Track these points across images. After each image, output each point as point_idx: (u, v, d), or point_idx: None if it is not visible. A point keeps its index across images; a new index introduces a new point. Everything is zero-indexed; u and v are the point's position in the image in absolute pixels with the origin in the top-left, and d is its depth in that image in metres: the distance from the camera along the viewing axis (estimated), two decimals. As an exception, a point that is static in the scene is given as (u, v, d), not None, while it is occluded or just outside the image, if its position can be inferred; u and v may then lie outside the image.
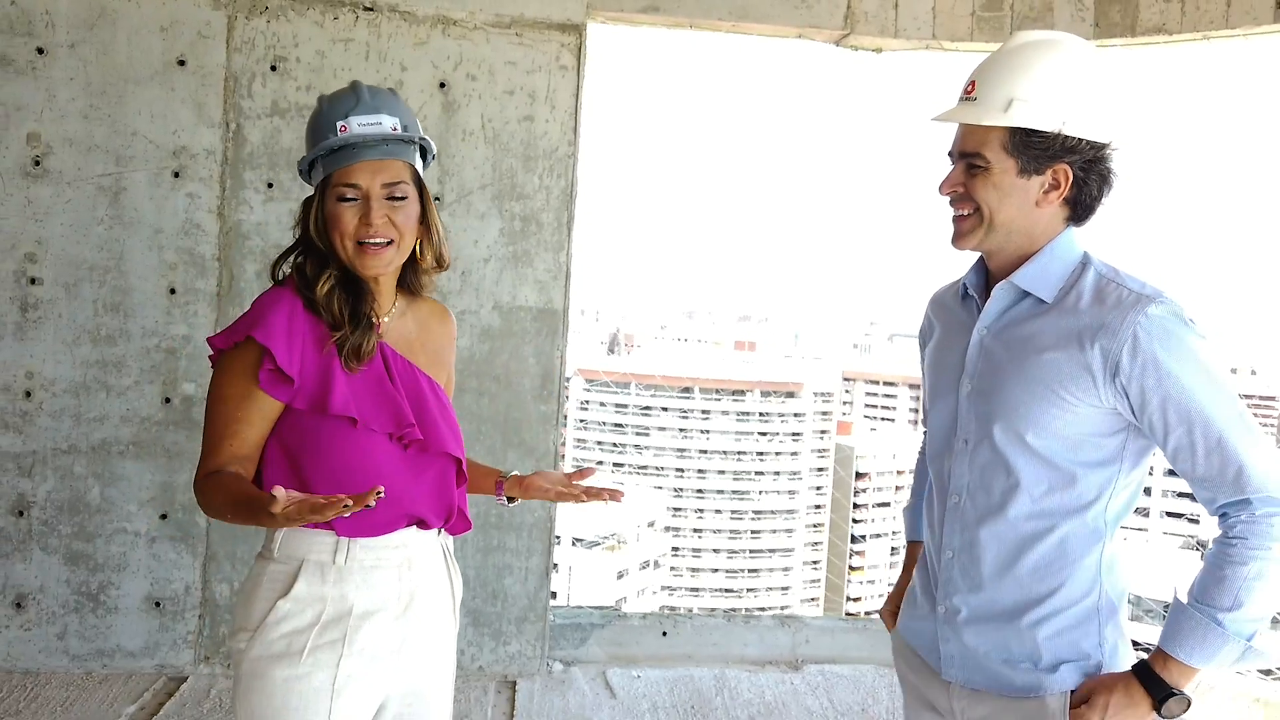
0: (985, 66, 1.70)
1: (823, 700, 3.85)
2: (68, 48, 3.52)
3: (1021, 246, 1.70)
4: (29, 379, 3.58)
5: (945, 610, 1.77)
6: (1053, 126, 1.62)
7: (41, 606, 3.64)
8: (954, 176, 1.71)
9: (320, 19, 3.62)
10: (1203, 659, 1.58)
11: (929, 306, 1.96)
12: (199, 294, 3.63)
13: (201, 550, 3.70)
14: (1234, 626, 1.56)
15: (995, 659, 1.71)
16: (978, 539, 1.71)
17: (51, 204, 3.54)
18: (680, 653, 4.16)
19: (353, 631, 1.74)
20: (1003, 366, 1.69)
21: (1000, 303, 1.72)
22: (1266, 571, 1.56)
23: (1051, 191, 1.65)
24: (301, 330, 1.75)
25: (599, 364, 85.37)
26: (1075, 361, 1.61)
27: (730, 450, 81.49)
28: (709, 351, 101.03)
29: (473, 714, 3.57)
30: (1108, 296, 1.63)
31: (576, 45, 3.75)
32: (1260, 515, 1.56)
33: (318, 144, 1.77)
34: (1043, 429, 1.64)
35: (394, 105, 1.80)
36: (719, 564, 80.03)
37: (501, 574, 3.85)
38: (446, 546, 1.94)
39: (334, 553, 1.75)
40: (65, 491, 3.62)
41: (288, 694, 1.71)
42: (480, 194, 3.74)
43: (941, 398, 1.80)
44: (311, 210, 1.80)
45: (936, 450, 1.82)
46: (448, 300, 3.72)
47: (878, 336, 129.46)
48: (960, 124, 1.70)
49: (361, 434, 1.74)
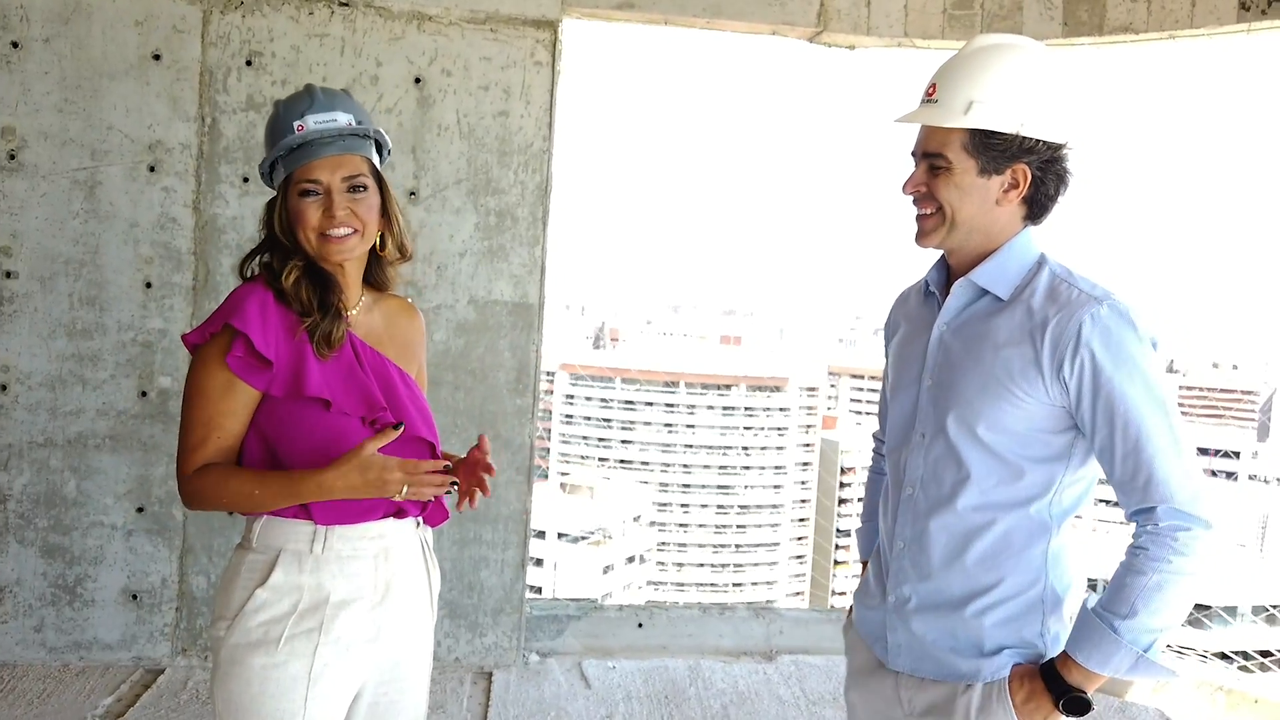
0: (946, 69, 1.74)
1: (795, 689, 3.90)
2: (42, 42, 3.52)
3: (981, 245, 1.74)
4: (4, 372, 3.58)
5: (895, 599, 1.81)
6: (1011, 128, 1.66)
7: (18, 599, 3.65)
8: (917, 176, 1.75)
9: (295, 14, 3.64)
10: (1098, 664, 1.60)
11: (894, 304, 2.01)
12: (175, 288, 3.64)
13: (178, 543, 3.72)
14: (1129, 635, 1.58)
15: (942, 647, 1.75)
16: (928, 529, 1.76)
17: (26, 198, 3.55)
18: (656, 644, 4.21)
19: (329, 620, 1.78)
20: (959, 362, 1.74)
21: (959, 299, 1.77)
22: (1166, 584, 1.58)
23: (1011, 191, 1.70)
24: (274, 318, 1.79)
25: (584, 359, 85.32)
26: (1025, 358, 1.66)
27: (715, 445, 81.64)
28: (694, 346, 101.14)
29: (449, 704, 3.61)
30: (1059, 295, 1.67)
31: (551, 41, 3.77)
32: (1164, 527, 1.58)
33: (276, 145, 1.82)
34: (994, 423, 1.68)
35: (348, 103, 1.86)
36: (704, 558, 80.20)
37: (478, 566, 3.88)
38: (425, 539, 1.97)
39: (311, 542, 1.79)
40: (41, 485, 3.63)
41: (265, 682, 1.74)
42: (455, 189, 3.76)
43: (903, 391, 1.84)
44: (275, 209, 1.85)
45: (895, 444, 1.86)
46: (423, 295, 3.75)
47: (863, 331, 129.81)
48: (922, 125, 1.75)
49: (335, 418, 1.79)
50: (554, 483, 71.25)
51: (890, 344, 1.98)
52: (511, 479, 3.87)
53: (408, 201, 3.73)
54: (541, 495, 61.15)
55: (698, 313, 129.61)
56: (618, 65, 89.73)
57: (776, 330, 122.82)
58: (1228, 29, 3.77)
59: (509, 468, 3.86)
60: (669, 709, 3.70)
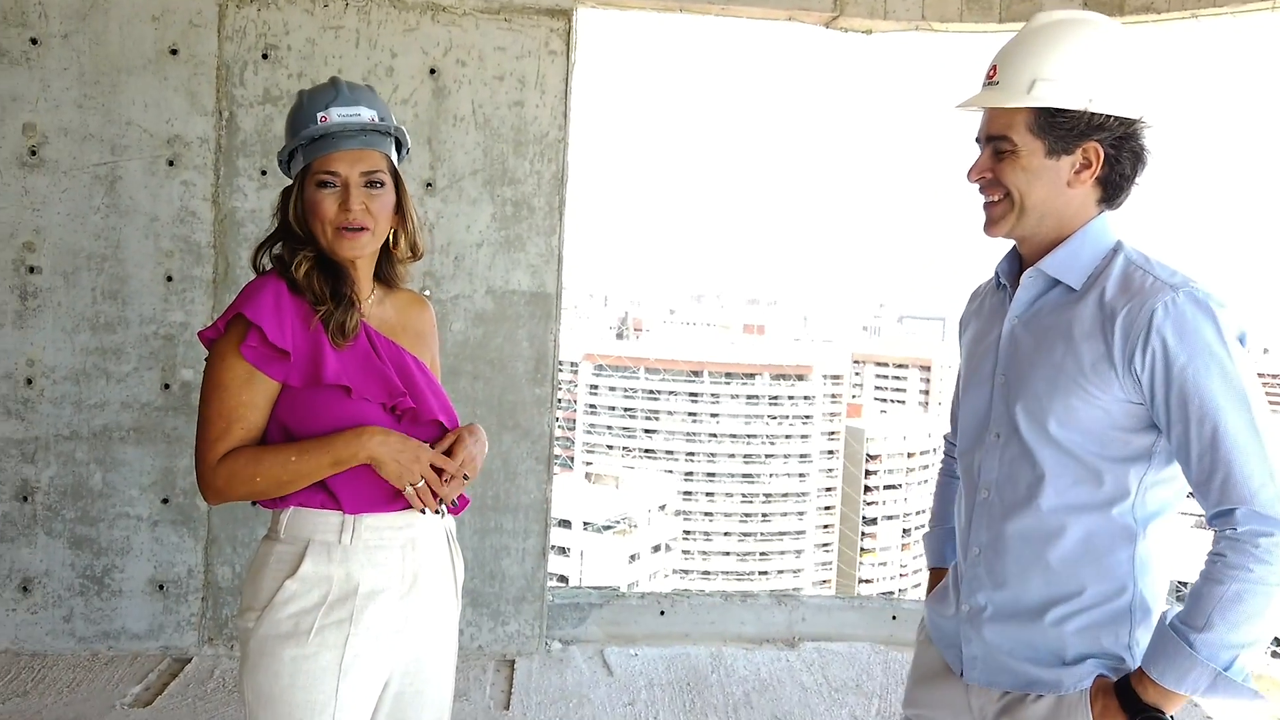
0: (1006, 49, 1.67)
1: (817, 676, 3.90)
2: (61, 38, 3.55)
3: (1053, 231, 1.65)
4: (30, 366, 3.63)
5: (969, 609, 1.73)
6: (1079, 104, 1.57)
7: (47, 590, 3.70)
8: (981, 162, 1.67)
9: (310, 6, 3.65)
10: (1174, 682, 1.49)
11: (969, 299, 1.92)
12: (195, 281, 3.67)
13: (203, 534, 3.76)
14: (1205, 651, 1.47)
15: (1019, 656, 1.66)
16: (1004, 534, 1.67)
17: (48, 193, 3.59)
18: (678, 631, 4.21)
19: (359, 611, 1.78)
20: (1030, 356, 1.65)
21: (1029, 291, 1.68)
22: (1245, 594, 1.46)
23: (1083, 171, 1.61)
24: (289, 309, 1.80)
25: (607, 349, 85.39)
26: (1096, 352, 1.57)
27: (740, 434, 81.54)
28: (718, 335, 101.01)
29: (472, 692, 3.63)
30: (1133, 284, 1.57)
31: (565, 30, 3.77)
32: (1243, 532, 1.47)
33: (298, 134, 1.82)
34: (1065, 420, 1.59)
35: (371, 99, 1.87)
36: (730, 547, 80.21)
37: (499, 555, 3.90)
38: (449, 529, 1.98)
39: (339, 532, 1.79)
40: (68, 477, 3.68)
41: (295, 673, 1.75)
42: (472, 179, 3.77)
43: (975, 389, 1.76)
44: (291, 198, 1.85)
45: (967, 445, 1.77)
46: (441, 285, 3.76)
47: (887, 318, 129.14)
48: (985, 109, 1.67)
49: (356, 404, 1.79)
50: (579, 472, 71.42)
51: (962, 341, 1.89)
52: (531, 468, 3.88)
53: (424, 193, 3.74)
54: (567, 485, 61.37)
55: (721, 302, 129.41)
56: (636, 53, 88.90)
57: (800, 318, 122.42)
58: (1252, 6, 3.71)
59: (529, 457, 3.87)
60: (691, 696, 3.71)
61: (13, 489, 3.66)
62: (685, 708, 3.62)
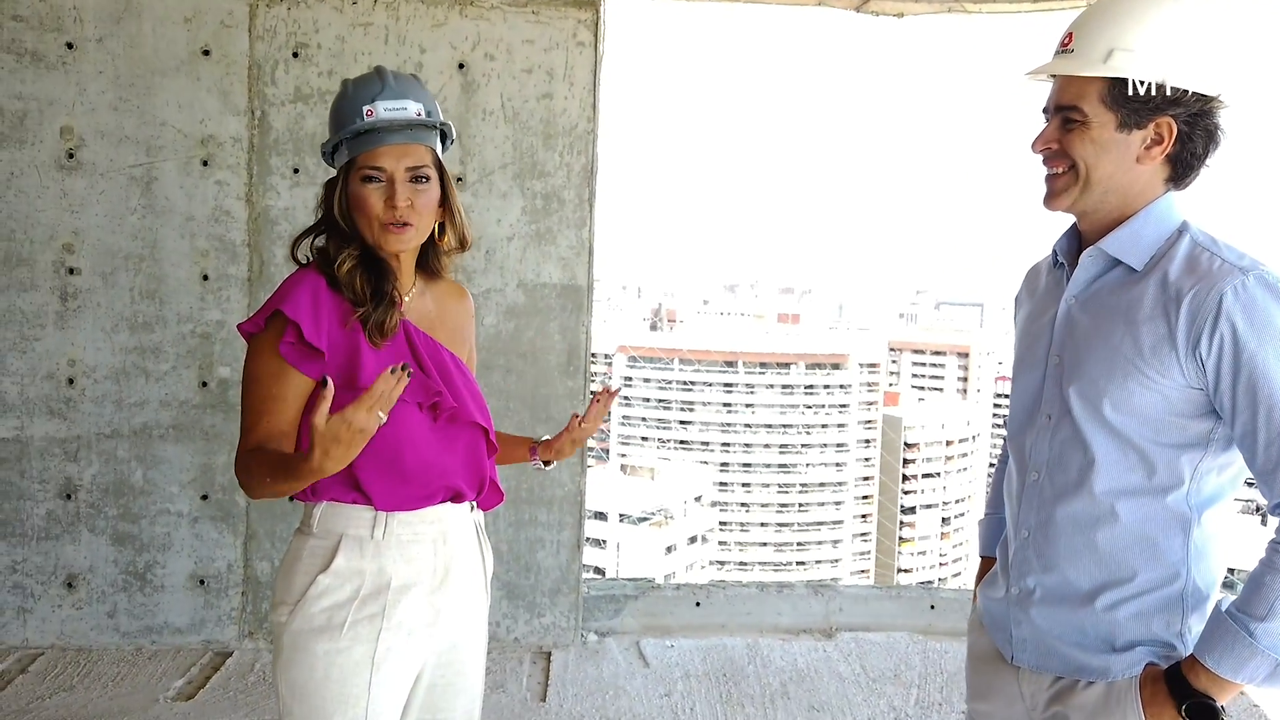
0: (1083, 17, 1.61)
1: (855, 667, 3.88)
2: (96, 41, 3.60)
3: (1117, 209, 1.60)
4: (71, 366, 3.69)
5: (1018, 592, 1.70)
6: (1156, 77, 1.52)
7: (91, 586, 3.77)
8: (1048, 133, 1.62)
9: (340, 4, 3.67)
10: (1231, 670, 1.47)
11: (1025, 278, 1.88)
12: (231, 280, 3.71)
13: (242, 529, 3.80)
14: (1266, 640, 1.45)
15: (1068, 642, 1.65)
16: (1053, 518, 1.64)
17: (86, 195, 3.64)
18: (714, 622, 4.21)
19: (391, 605, 1.79)
20: (1086, 338, 1.61)
21: (1088, 271, 1.64)
22: None
23: (1154, 147, 1.56)
24: (327, 307, 1.79)
25: (641, 340, 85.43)
26: (1158, 334, 1.52)
27: (776, 423, 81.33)
28: (752, 325, 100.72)
29: (508, 683, 3.65)
30: (1199, 265, 1.52)
31: (593, 21, 3.76)
32: None
33: (343, 128, 1.80)
34: (1121, 404, 1.56)
35: (418, 91, 1.84)
36: (767, 538, 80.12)
37: (534, 547, 3.91)
38: (479, 522, 1.98)
39: (372, 527, 1.79)
40: (110, 475, 3.74)
41: (329, 667, 1.76)
42: (501, 173, 3.77)
43: (1028, 370, 1.72)
44: (335, 191, 1.83)
45: (1018, 426, 1.73)
46: (472, 280, 3.77)
47: (924, 305, 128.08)
48: (1056, 78, 1.62)
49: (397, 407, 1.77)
50: (614, 465, 71.60)
51: (1017, 319, 1.84)
52: (565, 460, 3.88)
53: (455, 187, 3.75)
54: (603, 477, 61.50)
55: (755, 291, 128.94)
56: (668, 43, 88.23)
57: (835, 307, 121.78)
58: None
59: (562, 449, 3.87)
60: (728, 687, 3.70)
61: (56, 487, 3.72)
62: (722, 698, 3.62)
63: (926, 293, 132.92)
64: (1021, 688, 1.72)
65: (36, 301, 3.66)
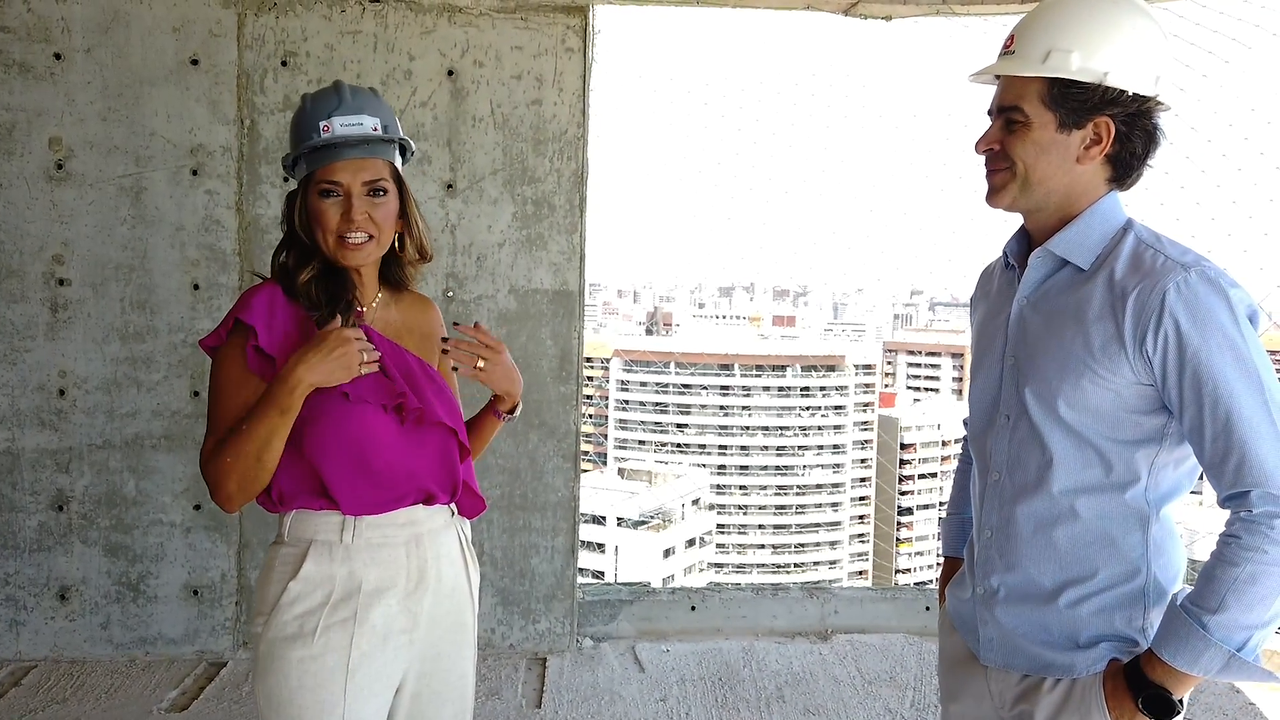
0: (1025, 20, 1.65)
1: (850, 669, 3.88)
2: (84, 52, 3.59)
3: (1061, 209, 1.63)
4: (62, 377, 3.68)
5: (983, 591, 1.72)
6: (1094, 78, 1.55)
7: (84, 597, 3.75)
8: (991, 133, 1.65)
9: (328, 13, 3.67)
10: (1186, 663, 1.49)
11: (979, 279, 1.90)
12: (221, 289, 3.70)
13: (235, 539, 3.79)
14: (1219, 633, 1.47)
15: (1033, 639, 1.66)
16: (1014, 517, 1.66)
17: (75, 206, 3.63)
18: (709, 626, 4.20)
19: (363, 610, 1.79)
20: (1040, 338, 1.63)
21: (1038, 271, 1.66)
22: (1260, 576, 1.45)
23: (1093, 147, 1.58)
24: (281, 315, 1.81)
25: (637, 344, 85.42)
26: (1107, 333, 1.55)
27: (773, 426, 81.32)
28: (747, 328, 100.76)
29: (504, 690, 3.64)
30: (1143, 263, 1.55)
31: (582, 27, 3.76)
32: (1259, 514, 1.46)
33: (301, 142, 1.82)
34: (1075, 403, 1.58)
35: (375, 105, 1.85)
36: (765, 540, 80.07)
37: (528, 553, 3.91)
38: (463, 531, 1.98)
39: (340, 532, 1.80)
40: (102, 485, 3.73)
41: (303, 674, 1.75)
42: (492, 179, 3.77)
43: (985, 371, 1.74)
44: (295, 205, 1.85)
45: (978, 427, 1.75)
46: (464, 286, 3.77)
47: (919, 306, 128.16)
48: (999, 79, 1.66)
49: (355, 407, 1.79)
50: (612, 468, 71.54)
51: (973, 321, 1.87)
52: (559, 466, 3.89)
53: (445, 194, 3.75)
54: (600, 481, 61.45)
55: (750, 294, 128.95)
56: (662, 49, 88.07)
57: (830, 309, 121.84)
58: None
59: (555, 455, 3.87)
60: (723, 691, 3.70)
61: (48, 499, 3.71)
62: (717, 703, 3.61)
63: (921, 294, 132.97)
64: (990, 686, 1.75)
65: (26, 313, 3.65)
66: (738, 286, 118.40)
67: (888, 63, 5.06)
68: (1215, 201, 4.38)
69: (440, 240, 3.75)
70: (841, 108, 5.41)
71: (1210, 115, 4.29)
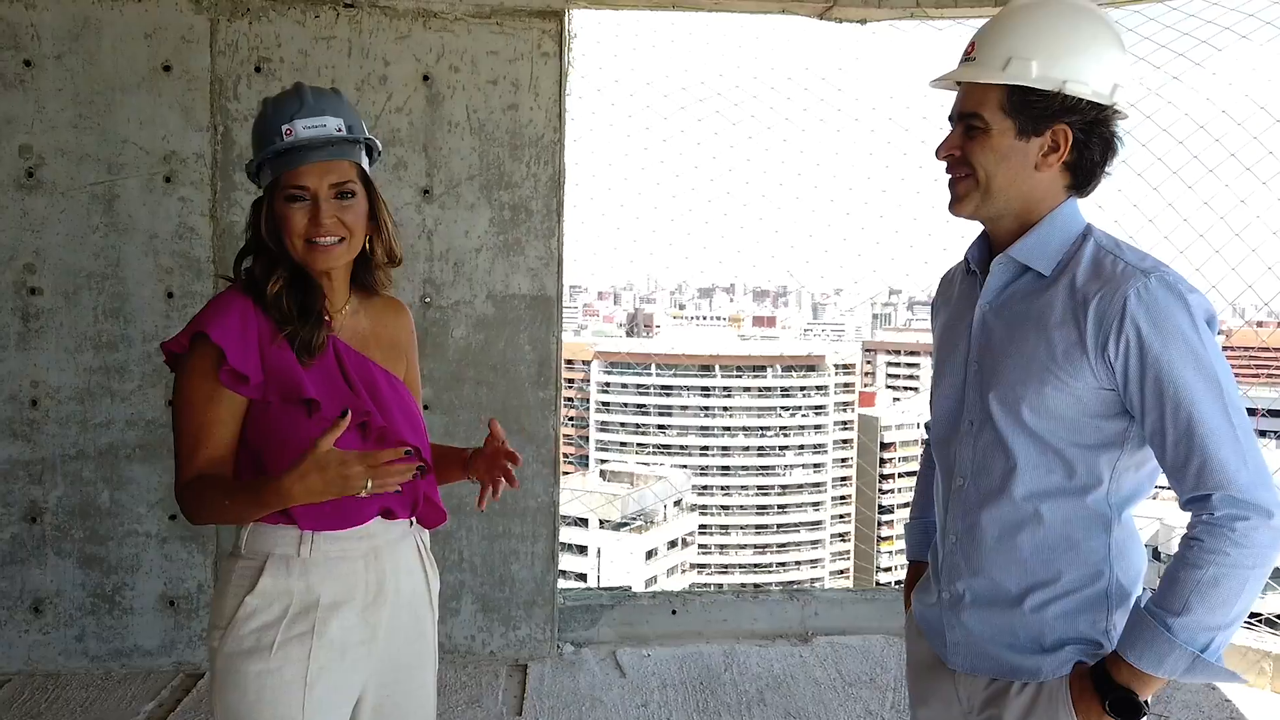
0: (986, 27, 1.66)
1: (831, 671, 3.88)
2: (54, 59, 3.56)
3: (1021, 216, 1.64)
4: (34, 388, 3.64)
5: (949, 596, 1.74)
6: (1052, 85, 1.57)
7: (59, 610, 3.71)
8: (951, 139, 1.66)
9: (302, 18, 3.65)
10: (1151, 665, 1.50)
11: (939, 285, 1.91)
12: (196, 297, 3.67)
13: (212, 549, 3.76)
14: (1183, 634, 1.48)
15: (999, 643, 1.67)
16: (979, 522, 1.67)
17: (47, 214, 3.59)
18: (690, 630, 4.20)
19: (321, 623, 1.77)
20: (1003, 345, 1.64)
21: (1000, 278, 1.67)
22: (1223, 578, 1.47)
23: (1051, 154, 1.60)
24: (254, 327, 1.77)
25: (619, 346, 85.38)
26: (1069, 339, 1.56)
27: (753, 426, 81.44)
28: (728, 329, 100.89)
29: (484, 698, 3.63)
30: (1103, 270, 1.56)
31: (558, 31, 3.75)
32: (1220, 517, 1.47)
33: (264, 148, 1.78)
34: (1039, 408, 1.59)
35: (338, 106, 1.82)
36: (748, 540, 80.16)
37: (508, 559, 3.89)
38: (422, 541, 1.96)
39: (298, 545, 1.77)
40: (76, 496, 3.69)
41: (260, 689, 1.73)
42: (469, 184, 3.76)
43: (948, 378, 1.75)
44: (261, 211, 1.81)
45: (942, 433, 1.76)
46: (441, 292, 3.76)
47: (898, 306, 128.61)
48: (961, 85, 1.67)
49: (319, 423, 1.75)
50: (594, 471, 71.46)
51: (935, 327, 1.87)
52: (538, 471, 3.87)
53: (422, 199, 3.73)
54: (583, 484, 61.35)
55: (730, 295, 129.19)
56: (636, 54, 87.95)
57: (810, 309, 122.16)
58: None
59: (534, 460, 3.86)
60: (704, 695, 3.69)
61: (21, 510, 3.67)
62: (698, 707, 3.61)
63: (900, 293, 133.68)
64: (958, 691, 1.75)
65: (-2, 322, 3.61)
66: (718, 288, 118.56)
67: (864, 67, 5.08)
68: (1187, 203, 4.43)
69: (417, 246, 3.74)
70: (817, 111, 5.40)
71: (1181, 117, 4.33)
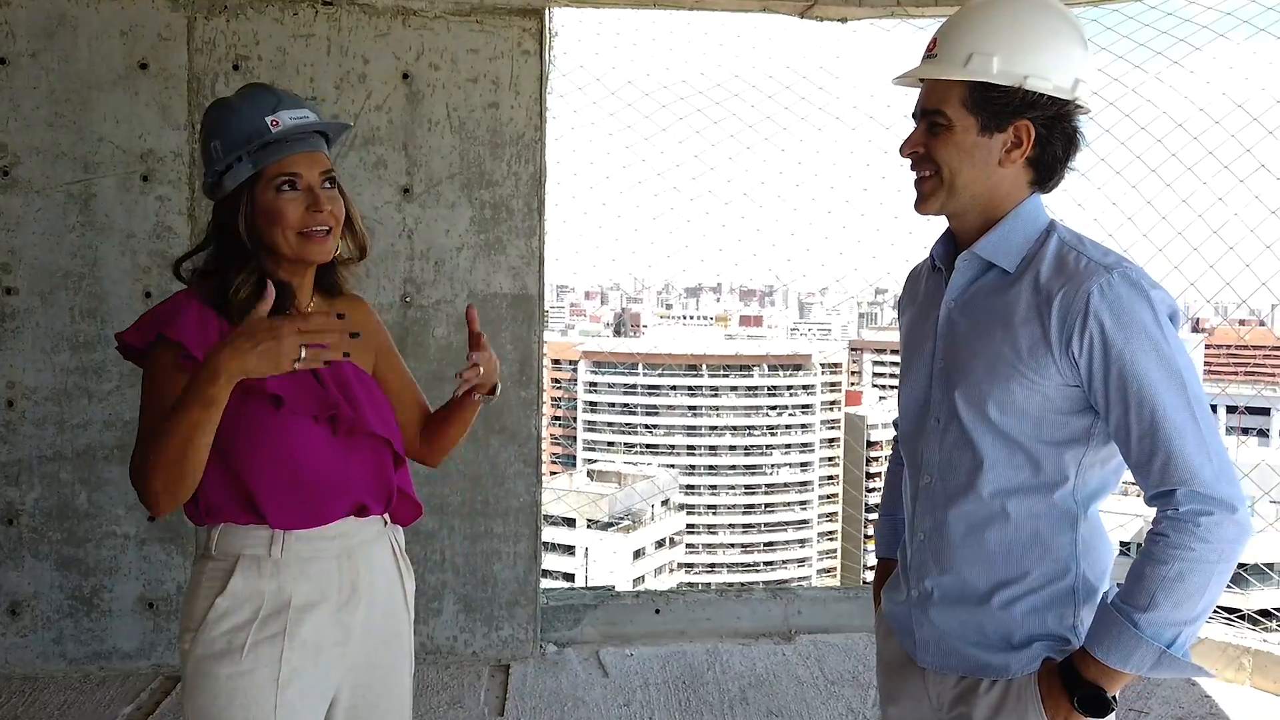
0: (948, 24, 1.67)
1: (813, 669, 3.88)
2: (29, 56, 3.52)
3: (985, 212, 1.64)
4: (10, 389, 3.60)
5: (918, 594, 1.74)
6: (1014, 81, 1.57)
7: (36, 612, 3.68)
8: (914, 137, 1.66)
9: (280, 16, 3.62)
10: (1119, 661, 1.50)
11: (905, 282, 1.91)
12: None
13: (191, 550, 3.73)
14: (1150, 630, 1.48)
15: (968, 641, 1.68)
16: (946, 520, 1.67)
17: (22, 214, 3.56)
18: (674, 629, 4.20)
19: (293, 624, 1.74)
20: (968, 342, 1.64)
21: (965, 275, 1.68)
22: (1188, 573, 1.47)
23: (1014, 150, 1.60)
24: (214, 329, 1.74)
25: (605, 346, 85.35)
26: (1033, 336, 1.56)
27: (740, 425, 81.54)
28: (715, 329, 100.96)
29: (466, 699, 3.61)
30: (1067, 266, 1.56)
31: (538, 30, 3.74)
32: (1185, 512, 1.47)
33: (247, 142, 1.74)
34: (1004, 405, 1.59)
35: (309, 103, 1.84)
36: (735, 539, 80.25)
37: (490, 559, 3.88)
38: (396, 540, 1.94)
39: (269, 546, 1.75)
40: (53, 498, 3.66)
41: (232, 691, 1.71)
42: (449, 183, 3.74)
43: (915, 375, 1.75)
44: (239, 210, 1.77)
45: (909, 431, 1.76)
46: (422, 291, 3.74)
47: (884, 305, 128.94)
48: (923, 83, 1.67)
49: (286, 419, 1.74)
50: (581, 471, 71.42)
51: (901, 324, 1.87)
52: (520, 471, 3.86)
53: (402, 198, 3.72)
54: (569, 483, 61.32)
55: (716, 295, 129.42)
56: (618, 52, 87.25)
57: (796, 308, 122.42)
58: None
59: (517, 460, 3.85)
60: (687, 694, 3.69)
61: (-2, 512, 3.63)
62: (681, 706, 3.61)
63: (886, 292, 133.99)
64: (928, 689, 1.75)
65: (-27, 323, 3.57)
66: (705, 288, 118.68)
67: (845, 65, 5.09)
68: (1166, 201, 4.46)
69: (398, 245, 3.72)
70: (799, 109, 5.40)
71: (1159, 115, 4.35)
